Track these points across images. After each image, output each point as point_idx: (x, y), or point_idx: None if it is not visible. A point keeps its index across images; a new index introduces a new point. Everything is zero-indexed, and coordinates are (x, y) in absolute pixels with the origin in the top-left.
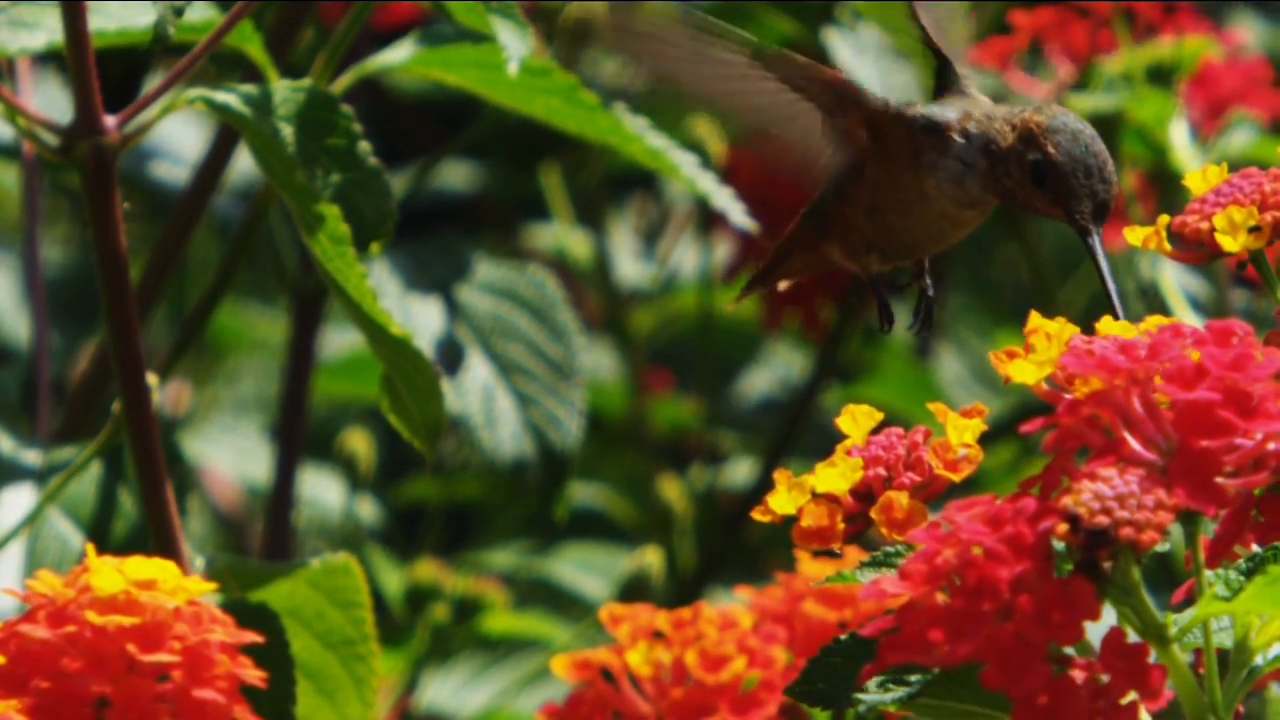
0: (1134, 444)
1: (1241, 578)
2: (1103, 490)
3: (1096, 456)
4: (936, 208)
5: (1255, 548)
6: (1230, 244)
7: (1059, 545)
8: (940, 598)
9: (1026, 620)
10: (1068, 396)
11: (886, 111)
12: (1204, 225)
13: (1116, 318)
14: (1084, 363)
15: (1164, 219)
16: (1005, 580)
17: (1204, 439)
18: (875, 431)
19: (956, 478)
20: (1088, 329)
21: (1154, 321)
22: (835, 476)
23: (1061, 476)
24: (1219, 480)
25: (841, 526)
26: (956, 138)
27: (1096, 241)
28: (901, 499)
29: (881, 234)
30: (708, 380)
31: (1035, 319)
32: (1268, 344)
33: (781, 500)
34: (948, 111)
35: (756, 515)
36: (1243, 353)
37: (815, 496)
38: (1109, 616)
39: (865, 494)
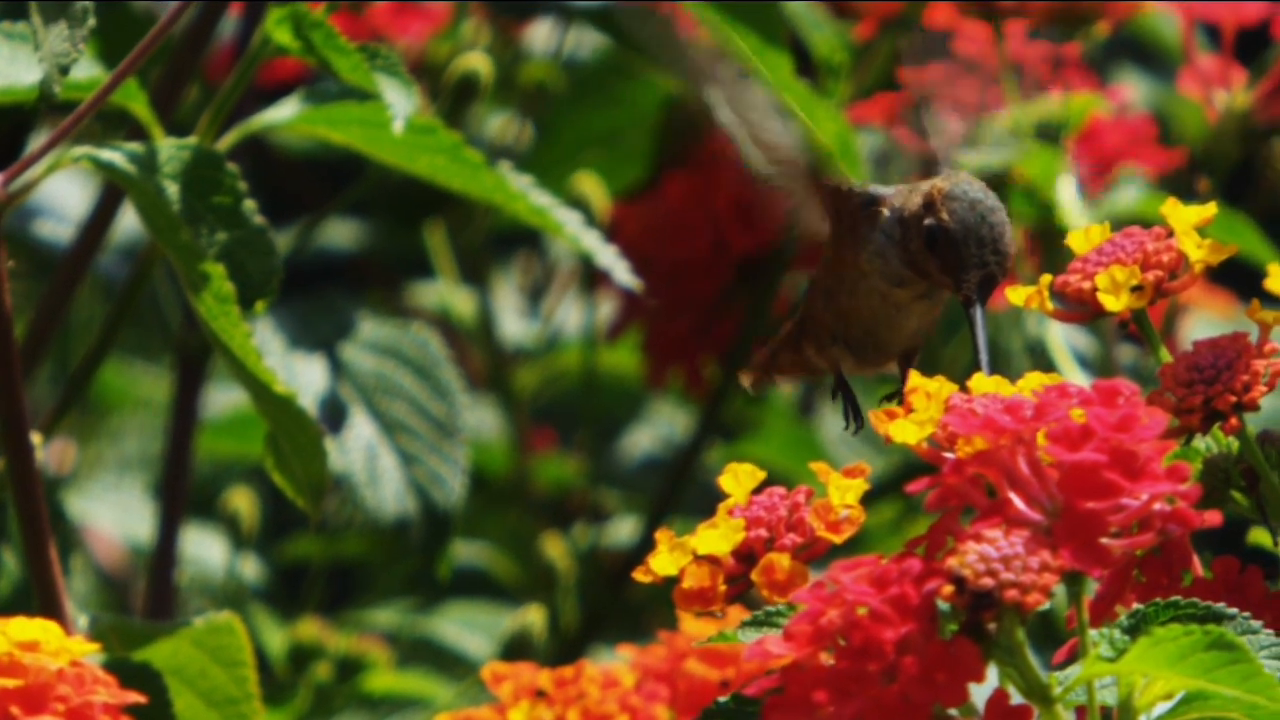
0: (1019, 504)
1: (1126, 637)
2: (988, 551)
3: (982, 517)
4: (875, 286)
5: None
6: (1113, 303)
7: (944, 605)
8: (825, 658)
9: (911, 681)
10: (949, 456)
11: (841, 188)
12: (1086, 285)
13: None
14: (969, 423)
15: (1046, 278)
16: (890, 641)
17: (1089, 500)
18: (758, 491)
19: (838, 539)
20: None
21: (1034, 379)
22: (717, 538)
23: (947, 537)
24: (1104, 541)
25: (723, 588)
26: (885, 212)
27: (978, 313)
28: (783, 561)
29: (840, 321)
30: (591, 438)
31: (915, 378)
32: (1150, 403)
33: (663, 561)
34: (887, 188)
35: (638, 576)
36: (1129, 413)
37: (697, 558)
38: (993, 677)
39: (747, 555)
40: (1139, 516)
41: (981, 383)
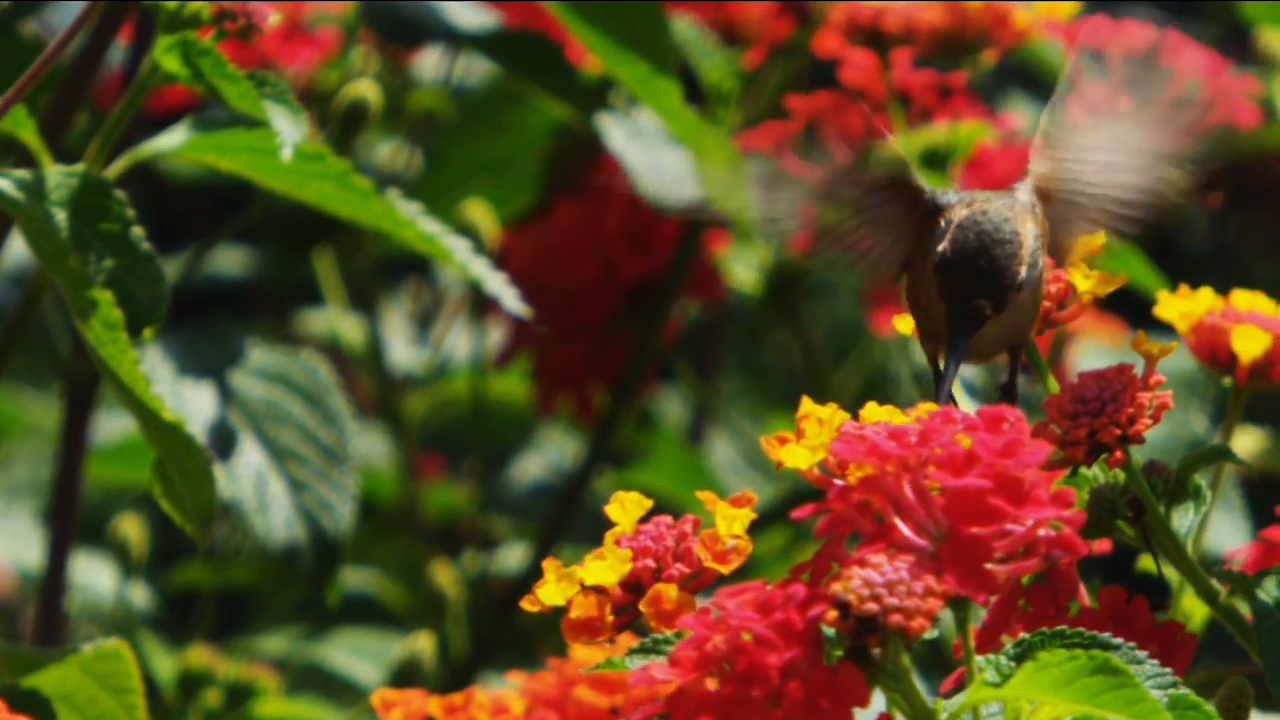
0: (904, 530)
1: (1012, 663)
2: (872, 577)
3: (867, 543)
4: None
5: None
6: None
7: (829, 631)
8: (710, 684)
9: (796, 706)
10: (839, 482)
11: (915, 192)
12: None
13: None
14: (855, 449)
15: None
16: (775, 666)
17: (974, 525)
18: (645, 520)
19: (725, 570)
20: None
21: (924, 408)
22: (604, 569)
23: (832, 563)
24: (989, 567)
25: (611, 618)
26: (942, 223)
27: (953, 348)
28: (670, 591)
29: (925, 319)
30: (480, 465)
31: (807, 404)
32: (1035, 435)
33: (550, 591)
34: (951, 195)
35: (526, 606)
36: (1014, 439)
37: (584, 588)
38: (879, 702)
39: (634, 585)
40: (1024, 542)
41: (874, 411)
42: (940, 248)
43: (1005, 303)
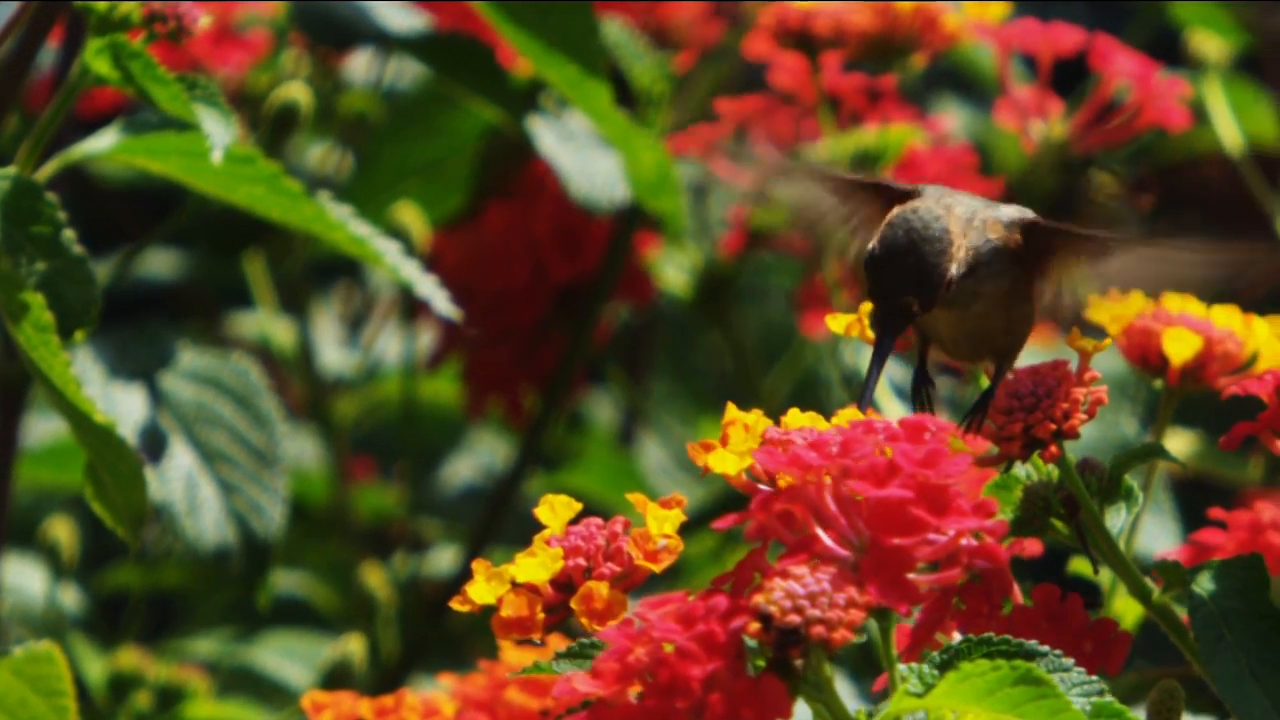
0: (826, 541)
1: (935, 672)
2: (794, 588)
3: (789, 554)
4: None
5: (957, 635)
6: None
7: (752, 642)
8: (633, 695)
9: (718, 718)
10: (764, 488)
11: (883, 189)
12: None
13: None
14: (776, 459)
15: (866, 306)
16: (697, 678)
17: (896, 536)
18: (574, 522)
19: (657, 568)
20: None
21: (849, 414)
22: (535, 566)
23: (754, 574)
24: (911, 577)
25: (541, 616)
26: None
27: (880, 346)
28: (601, 589)
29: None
30: (411, 468)
31: (732, 411)
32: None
33: (481, 590)
34: (923, 196)
35: (456, 605)
36: (935, 449)
37: (515, 586)
38: (804, 712)
39: (565, 584)
40: (946, 552)
41: (795, 418)
42: (870, 245)
43: (934, 301)
